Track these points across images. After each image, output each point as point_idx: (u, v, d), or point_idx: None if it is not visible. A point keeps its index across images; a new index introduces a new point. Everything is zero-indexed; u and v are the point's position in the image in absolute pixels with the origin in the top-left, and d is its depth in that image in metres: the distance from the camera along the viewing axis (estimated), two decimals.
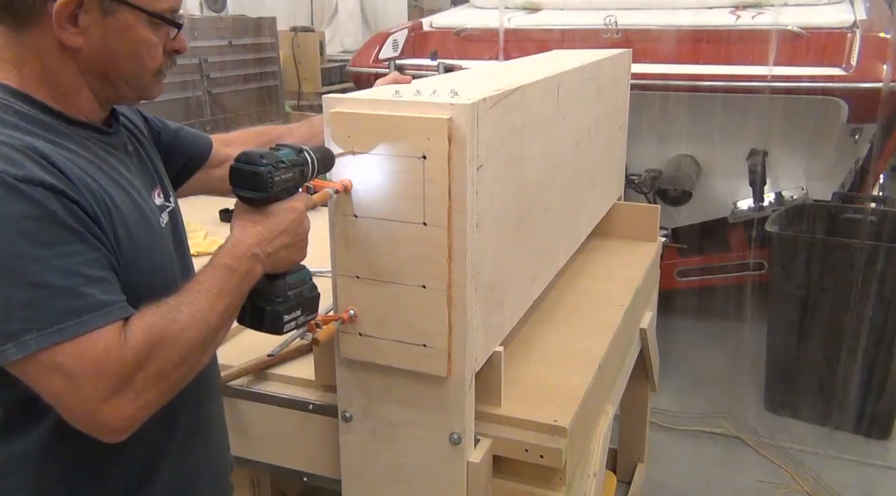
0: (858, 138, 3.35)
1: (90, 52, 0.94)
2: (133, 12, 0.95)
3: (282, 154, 1.02)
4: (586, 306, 1.78)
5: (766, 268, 3.36)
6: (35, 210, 0.83)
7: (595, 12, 3.53)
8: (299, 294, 1.06)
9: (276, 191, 1.00)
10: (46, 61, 0.94)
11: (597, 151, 1.93)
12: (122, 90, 1.01)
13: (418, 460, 1.27)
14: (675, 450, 2.92)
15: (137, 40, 0.97)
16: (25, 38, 0.93)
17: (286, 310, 1.04)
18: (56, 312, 0.82)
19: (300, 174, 1.04)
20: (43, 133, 0.91)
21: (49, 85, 0.95)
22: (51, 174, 0.86)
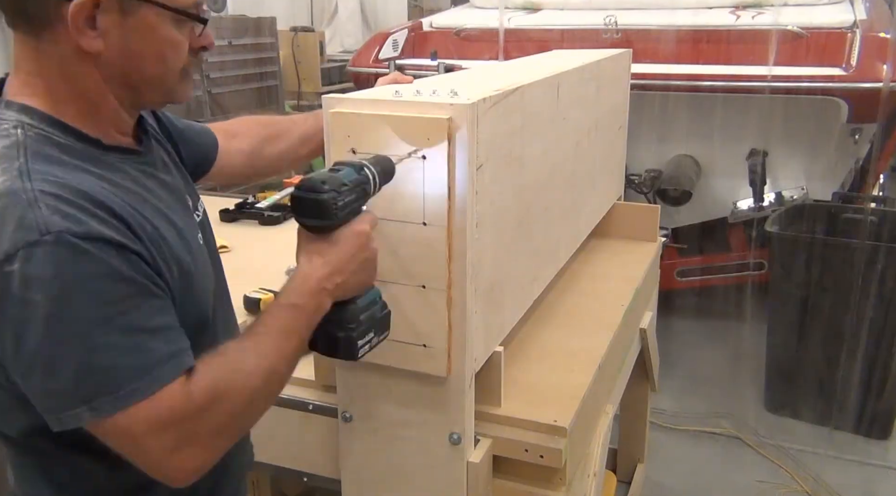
0: (858, 138, 3.35)
1: (111, 56, 0.89)
2: (154, 10, 0.89)
3: (343, 175, 0.96)
4: (586, 306, 1.77)
5: (766, 268, 3.36)
6: (99, 269, 0.80)
7: (595, 12, 3.53)
8: (371, 316, 1.01)
9: (341, 216, 0.95)
10: (68, 71, 0.89)
11: (597, 151, 1.93)
12: (148, 95, 0.95)
13: (418, 460, 1.27)
14: (675, 450, 2.93)
15: (161, 40, 0.91)
16: (45, 44, 0.88)
17: (360, 335, 0.99)
18: (126, 373, 0.81)
19: (363, 193, 0.98)
20: (87, 166, 0.87)
21: (75, 100, 0.90)
22: (110, 226, 0.83)
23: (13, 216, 0.78)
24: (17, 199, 0.79)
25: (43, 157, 0.84)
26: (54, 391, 0.81)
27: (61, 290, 0.78)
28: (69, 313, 0.79)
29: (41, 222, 0.78)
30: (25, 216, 0.78)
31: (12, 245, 0.77)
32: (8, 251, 0.77)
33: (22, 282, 0.77)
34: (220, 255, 1.17)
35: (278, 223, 2.36)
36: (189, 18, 0.93)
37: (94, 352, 0.80)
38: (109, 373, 0.81)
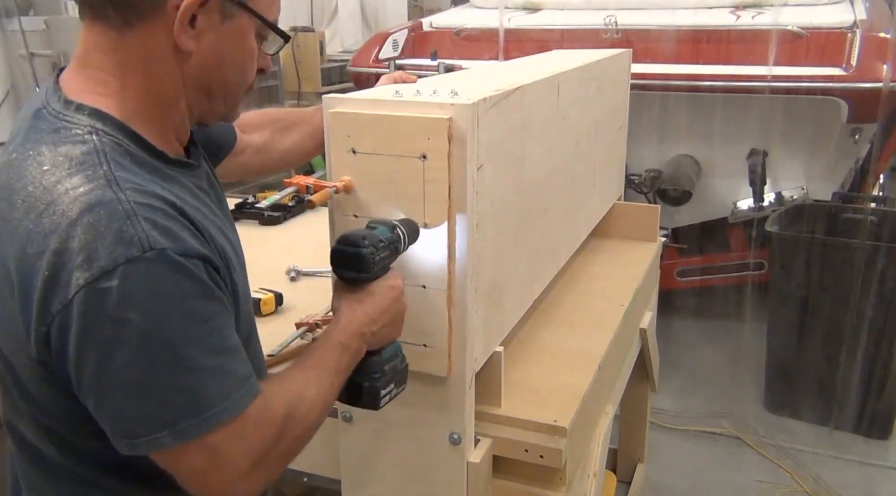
0: (858, 138, 3.35)
1: (201, 58, 0.87)
2: (250, 19, 0.89)
3: (378, 231, 1.03)
4: (586, 306, 1.78)
5: (766, 268, 3.36)
6: (194, 287, 0.78)
7: (595, 12, 3.53)
8: (393, 368, 1.06)
9: (377, 271, 1.02)
10: (152, 67, 0.86)
11: (597, 151, 1.93)
12: (217, 106, 0.94)
13: (418, 460, 1.27)
14: (675, 450, 2.92)
15: (247, 49, 0.91)
16: (131, 38, 0.85)
17: (383, 385, 1.04)
18: (212, 396, 0.79)
19: (395, 251, 1.06)
20: (155, 179, 0.84)
21: (148, 101, 0.87)
22: (198, 240, 0.82)
23: (111, 229, 0.74)
24: (114, 210, 0.75)
25: (121, 166, 0.80)
26: (137, 415, 0.78)
27: (159, 310, 0.75)
28: (167, 334, 0.76)
29: (143, 237, 0.75)
30: (125, 230, 0.75)
31: (111, 260, 0.73)
32: (106, 266, 0.73)
33: (120, 299, 0.74)
34: None
35: (278, 223, 2.36)
36: (277, 34, 0.94)
37: (186, 375, 0.78)
38: (197, 397, 0.78)
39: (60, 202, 0.76)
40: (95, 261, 0.73)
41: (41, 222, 0.75)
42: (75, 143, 0.80)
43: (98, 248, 0.74)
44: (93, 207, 0.75)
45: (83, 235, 0.74)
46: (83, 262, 0.73)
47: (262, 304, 1.68)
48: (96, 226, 0.74)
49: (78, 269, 0.73)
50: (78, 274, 0.73)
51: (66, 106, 0.84)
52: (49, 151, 0.80)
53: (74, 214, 0.75)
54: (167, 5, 0.83)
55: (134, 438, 0.78)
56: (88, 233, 0.74)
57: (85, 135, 0.81)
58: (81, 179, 0.77)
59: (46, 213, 0.76)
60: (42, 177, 0.78)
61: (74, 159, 0.79)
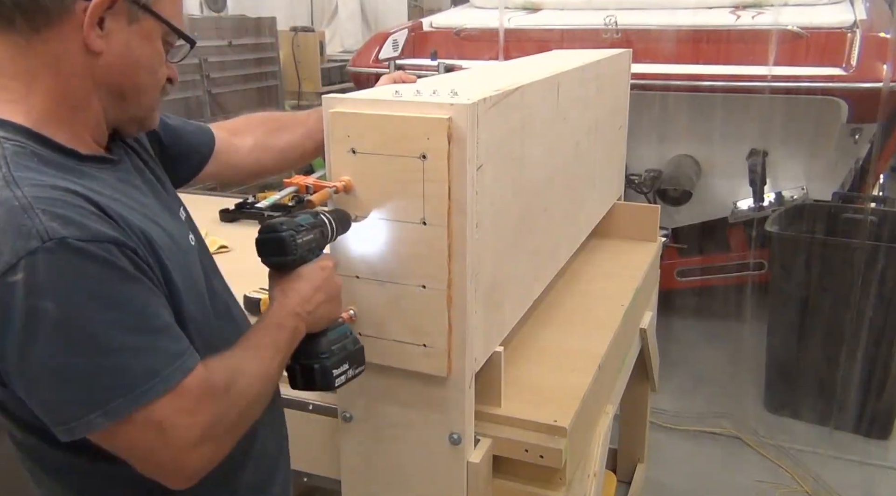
0: (858, 138, 3.35)
1: (110, 59, 0.89)
2: (156, 22, 0.92)
3: (300, 219, 1.06)
4: (586, 306, 1.78)
5: (766, 268, 3.36)
6: (104, 270, 0.80)
7: (595, 12, 3.53)
8: (343, 348, 1.08)
9: (301, 253, 1.04)
10: (61, 69, 0.87)
11: (597, 151, 1.93)
12: (131, 108, 0.96)
13: (418, 460, 1.27)
14: (675, 450, 2.92)
15: (155, 52, 0.93)
16: (39, 44, 0.86)
17: (333, 364, 1.06)
18: (138, 374, 0.81)
19: (321, 234, 1.07)
20: (66, 176, 0.85)
21: (57, 104, 0.88)
22: (107, 223, 0.82)
23: (11, 225, 0.77)
24: (11, 207, 0.78)
25: (24, 167, 0.82)
26: (65, 400, 0.80)
27: (69, 296, 0.77)
28: (79, 319, 0.78)
29: (41, 229, 0.77)
30: (23, 224, 0.77)
31: (13, 255, 0.76)
32: (9, 261, 0.76)
33: (28, 291, 0.76)
34: (221, 255, 1.17)
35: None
36: (182, 38, 0.96)
37: (106, 356, 0.79)
38: (122, 376, 0.80)
39: None
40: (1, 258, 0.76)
41: None
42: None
43: (1, 245, 0.76)
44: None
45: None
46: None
47: (263, 304, 1.67)
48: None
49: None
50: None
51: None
52: None
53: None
54: (75, 7, 0.85)
55: (68, 423, 0.80)
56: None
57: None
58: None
59: None
60: None
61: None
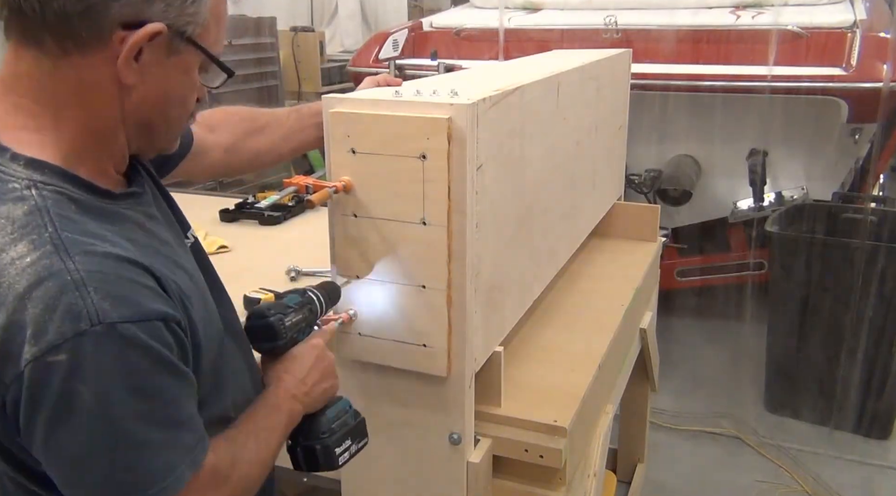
0: (858, 138, 3.35)
1: (143, 92, 0.84)
2: (196, 54, 0.86)
3: (287, 300, 1.06)
4: (586, 306, 1.78)
5: (766, 268, 3.36)
6: (145, 359, 0.76)
7: (595, 12, 3.53)
8: (343, 424, 1.07)
9: (290, 335, 1.03)
10: (89, 99, 0.82)
11: (597, 151, 1.93)
12: (158, 139, 0.92)
13: (418, 460, 1.27)
14: (675, 450, 2.92)
15: (189, 83, 0.88)
16: (68, 68, 0.80)
17: (335, 442, 1.05)
18: (156, 471, 0.78)
19: (309, 312, 1.07)
20: (104, 224, 0.81)
21: (84, 134, 0.83)
22: (155, 295, 0.79)
23: (61, 303, 0.73)
24: (63, 283, 0.74)
25: (69, 222, 0.78)
26: (82, 485, 0.78)
27: (107, 385, 0.75)
28: (112, 410, 0.75)
29: (92, 311, 0.73)
30: (74, 303, 0.73)
31: (60, 335, 0.72)
32: (54, 341, 0.72)
33: (67, 374, 0.73)
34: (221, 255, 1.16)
35: (278, 223, 2.36)
36: (222, 70, 0.91)
37: (129, 450, 0.77)
38: (141, 474, 0.78)
39: (7, 274, 0.74)
40: (44, 336, 0.73)
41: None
42: (15, 202, 0.77)
43: (47, 322, 0.73)
44: (42, 281, 0.74)
45: (32, 309, 0.73)
46: (32, 337, 0.73)
47: None
48: (45, 299, 0.73)
49: (27, 343, 0.72)
50: (27, 348, 0.72)
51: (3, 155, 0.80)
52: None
53: (22, 288, 0.73)
54: (112, 37, 0.79)
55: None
56: (37, 306, 0.73)
57: (23, 190, 0.78)
58: (27, 247, 0.75)
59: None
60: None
61: (17, 222, 0.76)
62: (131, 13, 0.79)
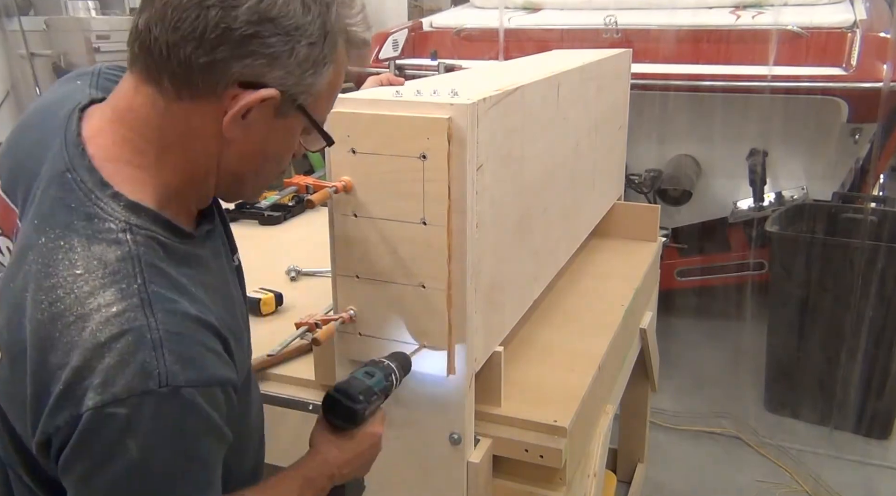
0: (858, 138, 3.35)
1: (243, 148, 0.85)
2: (303, 119, 0.87)
3: (374, 383, 1.06)
4: (586, 306, 1.78)
5: (766, 268, 3.36)
6: (198, 424, 0.78)
7: (595, 12, 3.53)
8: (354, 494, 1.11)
9: (365, 420, 1.05)
10: (191, 145, 0.84)
11: (597, 151, 1.93)
12: (245, 191, 0.93)
13: (418, 460, 1.27)
14: (675, 450, 2.93)
15: (289, 145, 0.90)
16: (178, 112, 0.82)
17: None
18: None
19: (385, 396, 1.08)
20: (183, 270, 0.83)
21: (180, 173, 0.85)
22: (220, 359, 0.82)
23: (136, 359, 0.75)
24: (142, 339, 0.75)
25: (157, 272, 0.80)
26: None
27: (155, 444, 0.76)
28: (154, 468, 0.77)
29: (163, 372, 0.75)
30: (148, 361, 0.75)
31: (127, 389, 0.74)
32: (119, 395, 0.74)
33: (124, 427, 0.74)
34: None
35: (278, 223, 2.36)
36: (323, 138, 0.92)
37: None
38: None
39: (91, 319, 0.75)
40: (111, 388, 0.74)
41: (68, 333, 0.75)
42: (110, 244, 0.79)
43: (117, 375, 0.74)
44: (123, 334, 0.75)
45: (107, 360, 0.74)
46: (99, 386, 0.74)
47: (262, 304, 1.68)
48: (122, 353, 0.75)
49: (92, 390, 0.74)
50: (91, 394, 0.74)
51: (101, 188, 0.82)
52: (82, 248, 0.79)
53: (103, 338, 0.75)
54: (226, 93, 0.81)
55: None
56: (112, 358, 0.74)
57: (119, 233, 0.80)
58: (115, 295, 0.77)
59: (75, 327, 0.75)
60: (74, 283, 0.77)
61: (109, 266, 0.78)
62: (251, 75, 0.80)
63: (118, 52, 4.17)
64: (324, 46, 0.84)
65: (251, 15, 0.78)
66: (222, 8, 0.77)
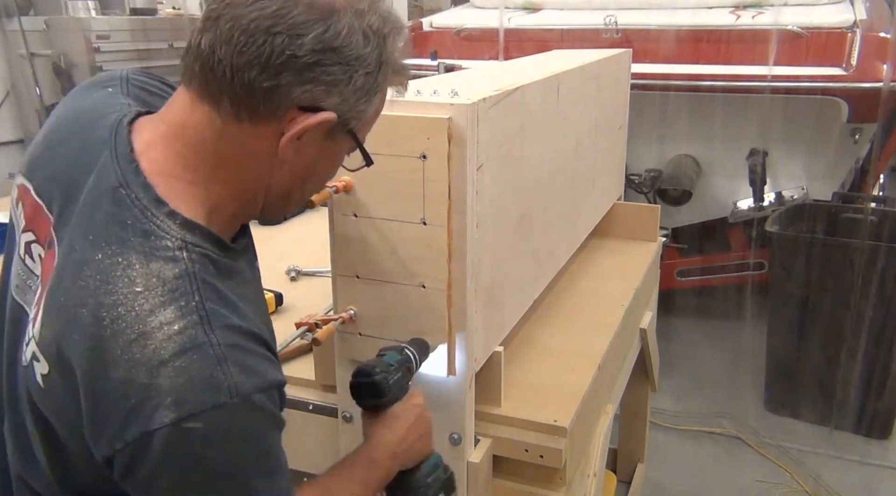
0: (858, 138, 3.35)
1: (294, 167, 0.88)
2: (350, 141, 0.90)
3: (388, 358, 1.10)
4: (586, 306, 1.78)
5: (766, 268, 3.36)
6: (269, 422, 0.83)
7: (595, 12, 3.53)
8: (437, 479, 1.11)
9: (394, 392, 1.08)
10: (245, 164, 0.86)
11: (597, 151, 1.93)
12: (289, 208, 0.96)
13: None
14: (675, 450, 2.93)
15: (335, 166, 0.94)
16: (235, 132, 0.84)
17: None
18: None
19: (407, 370, 1.11)
20: (230, 285, 0.85)
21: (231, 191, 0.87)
22: (273, 364, 0.85)
23: (203, 374, 0.77)
24: (206, 356, 0.78)
25: (210, 289, 0.82)
26: None
27: (235, 449, 0.79)
28: (237, 471, 0.80)
29: (232, 385, 0.78)
30: (216, 375, 0.77)
31: (200, 404, 0.76)
32: (193, 410, 0.76)
33: (202, 439, 0.77)
34: None
35: (278, 223, 2.36)
36: (365, 160, 0.95)
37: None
38: None
39: (153, 337, 0.77)
40: (184, 404, 0.76)
41: (130, 351, 0.77)
42: (167, 261, 0.81)
43: (188, 391, 0.76)
44: (186, 351, 0.77)
45: (175, 377, 0.76)
46: (172, 403, 0.75)
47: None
48: (188, 370, 0.76)
49: (165, 408, 0.75)
50: (165, 412, 0.75)
51: (157, 205, 0.83)
52: (140, 265, 0.80)
53: (167, 355, 0.76)
54: (286, 116, 0.83)
55: None
56: (180, 375, 0.76)
57: (176, 251, 0.81)
58: (175, 313, 0.78)
59: (137, 344, 0.77)
60: (135, 300, 0.78)
61: (168, 284, 0.80)
62: (310, 99, 0.83)
63: (118, 51, 4.16)
64: (378, 76, 0.87)
65: (316, 44, 0.80)
66: (289, 36, 0.79)
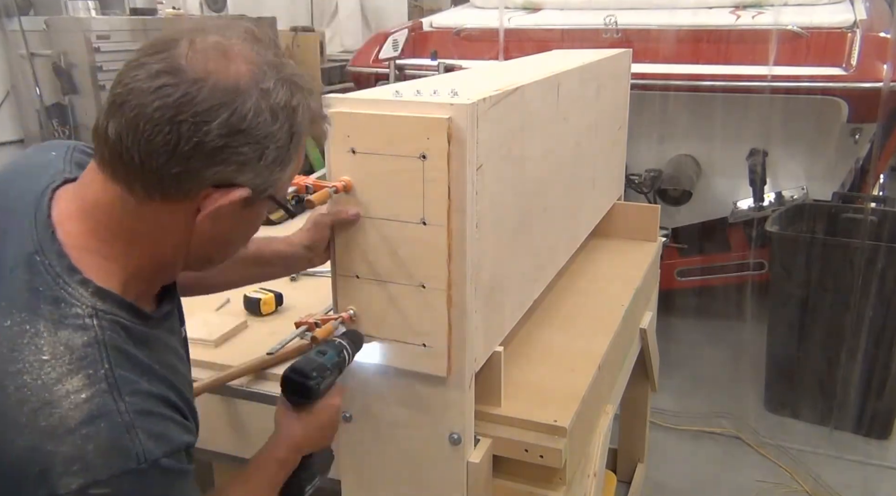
0: (858, 138, 3.35)
1: (213, 235, 0.89)
2: (270, 204, 0.92)
3: (326, 360, 1.12)
4: (586, 306, 1.78)
5: (766, 268, 3.36)
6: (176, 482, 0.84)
7: (595, 12, 3.53)
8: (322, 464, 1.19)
9: (321, 394, 1.12)
10: (162, 238, 0.87)
11: (597, 151, 1.93)
12: (212, 267, 0.98)
13: (418, 460, 1.27)
14: (675, 450, 2.92)
15: (257, 226, 0.96)
16: (149, 211, 0.85)
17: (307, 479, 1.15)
18: None
19: (340, 371, 1.15)
20: (143, 352, 0.86)
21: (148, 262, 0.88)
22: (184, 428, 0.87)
23: (111, 441, 0.77)
24: (114, 424, 0.78)
25: (122, 355, 0.83)
26: None
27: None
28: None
29: (140, 451, 0.78)
30: (124, 442, 0.78)
31: (106, 470, 0.76)
32: (99, 477, 0.76)
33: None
34: None
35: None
36: (287, 213, 0.97)
37: None
38: None
39: (60, 405, 0.77)
40: (90, 471, 0.76)
41: (35, 419, 0.76)
42: (76, 329, 0.81)
43: (96, 457, 0.76)
44: (94, 419, 0.77)
45: (82, 445, 0.76)
46: (79, 470, 0.75)
47: (262, 304, 1.68)
48: (95, 438, 0.77)
49: (72, 475, 0.75)
50: (71, 479, 0.75)
51: (70, 273, 0.83)
52: (49, 333, 0.80)
53: (73, 423, 0.76)
54: (199, 194, 0.84)
55: None
56: (87, 443, 0.76)
57: (86, 318, 0.82)
58: (83, 381, 0.78)
59: (42, 413, 0.76)
60: (41, 369, 0.78)
61: (76, 352, 0.79)
62: (222, 178, 0.84)
63: (118, 51, 4.17)
64: (290, 147, 0.88)
65: (222, 129, 0.81)
66: (195, 123, 0.80)
